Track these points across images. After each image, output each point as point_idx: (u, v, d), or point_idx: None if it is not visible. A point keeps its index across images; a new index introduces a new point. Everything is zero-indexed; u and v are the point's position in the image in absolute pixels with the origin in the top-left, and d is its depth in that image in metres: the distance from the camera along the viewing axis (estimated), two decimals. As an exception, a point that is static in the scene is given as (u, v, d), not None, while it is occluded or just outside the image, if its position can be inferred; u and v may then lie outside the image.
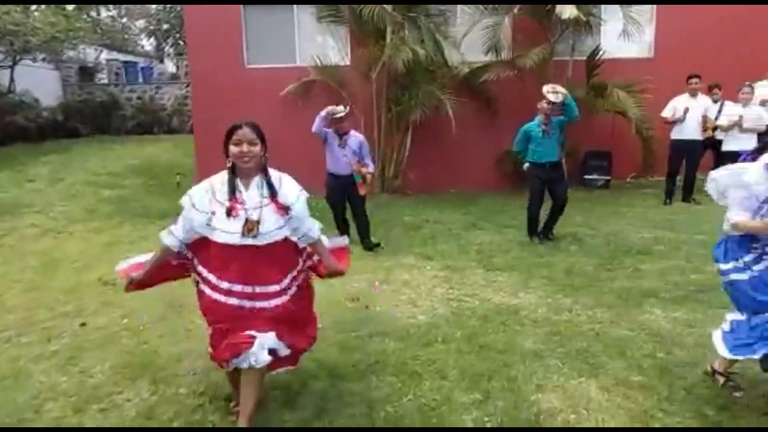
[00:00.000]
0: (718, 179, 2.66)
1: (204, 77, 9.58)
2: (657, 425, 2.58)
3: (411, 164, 9.14)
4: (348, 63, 9.26)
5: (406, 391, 2.92)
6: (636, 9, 8.53)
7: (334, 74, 9.02)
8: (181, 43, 21.92)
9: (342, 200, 5.90)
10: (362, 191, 5.81)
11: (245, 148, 2.45)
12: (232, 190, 2.46)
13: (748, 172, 2.55)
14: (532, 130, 5.73)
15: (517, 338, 3.55)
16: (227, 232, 2.43)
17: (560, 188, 5.82)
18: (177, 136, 15.43)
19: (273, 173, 2.59)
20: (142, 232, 6.76)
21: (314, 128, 5.65)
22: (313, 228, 2.67)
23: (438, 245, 5.90)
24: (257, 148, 2.48)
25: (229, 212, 2.41)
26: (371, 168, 5.89)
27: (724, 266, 2.72)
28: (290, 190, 2.57)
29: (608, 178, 9.12)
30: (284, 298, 2.57)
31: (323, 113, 5.62)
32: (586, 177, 9.12)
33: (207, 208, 2.47)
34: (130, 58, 21.78)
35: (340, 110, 5.69)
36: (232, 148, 2.47)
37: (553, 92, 5.55)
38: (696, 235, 5.82)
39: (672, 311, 3.89)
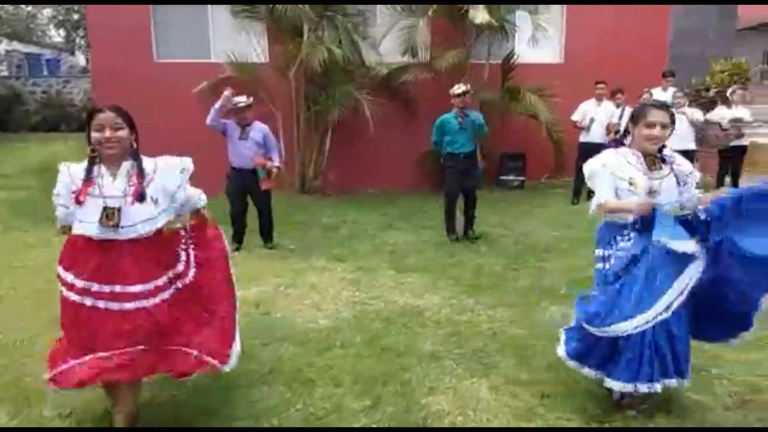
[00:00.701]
0: (585, 168, 2.74)
1: (108, 71, 8.97)
2: (539, 422, 2.63)
3: (331, 165, 9.03)
4: (265, 60, 9.00)
5: (296, 400, 2.82)
6: (545, 17, 8.90)
7: (250, 72, 8.72)
8: (94, 34, 20.56)
9: (242, 196, 5.60)
10: (265, 186, 5.55)
11: (108, 133, 2.27)
12: (87, 177, 2.26)
13: (605, 155, 2.67)
14: (447, 121, 5.86)
15: (417, 340, 3.53)
16: (84, 221, 2.24)
17: (472, 180, 5.97)
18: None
19: (147, 160, 2.41)
20: (33, 239, 6.20)
21: (208, 121, 5.43)
22: (200, 198, 2.66)
23: (353, 246, 5.83)
24: (123, 133, 2.30)
25: (78, 198, 2.21)
26: (277, 162, 5.64)
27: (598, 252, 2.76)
28: (169, 177, 2.40)
29: (523, 178, 9.44)
30: (154, 301, 2.36)
31: (217, 104, 5.38)
32: (502, 178, 9.39)
33: (67, 199, 2.30)
34: (33, 49, 20.13)
35: (243, 99, 5.45)
36: (94, 134, 2.28)
37: (457, 87, 5.82)
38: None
39: (568, 308, 4.00)
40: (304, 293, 4.43)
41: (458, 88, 5.82)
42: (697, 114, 7.68)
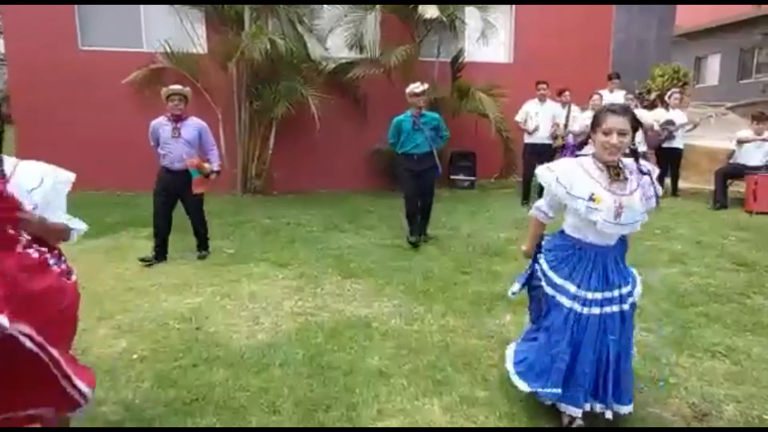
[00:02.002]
0: (538, 172, 2.55)
1: (27, 59, 8.19)
2: (496, 448, 2.41)
3: (276, 163, 8.61)
4: (204, 51, 8.46)
5: (225, 434, 2.47)
6: (494, 15, 8.84)
7: (187, 62, 8.18)
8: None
9: (168, 197, 5.02)
10: (197, 190, 5.02)
11: None
12: None
13: (562, 165, 2.48)
14: (402, 121, 5.63)
15: (364, 356, 3.25)
16: None
17: (427, 181, 5.74)
18: (7, 126, 13.21)
19: (8, 160, 2.01)
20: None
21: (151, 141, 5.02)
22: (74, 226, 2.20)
23: (295, 250, 5.48)
24: None
25: None
26: (215, 164, 5.10)
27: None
28: (28, 175, 2.01)
29: (473, 178, 9.36)
30: None
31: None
32: (453, 177, 9.27)
33: None
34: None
35: (177, 88, 4.92)
36: None
37: (414, 87, 5.50)
38: (546, 234, 6.03)
39: (521, 315, 3.84)
40: (241, 304, 4.05)
41: (416, 87, 5.52)
42: (647, 117, 7.83)
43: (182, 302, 4.03)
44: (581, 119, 7.82)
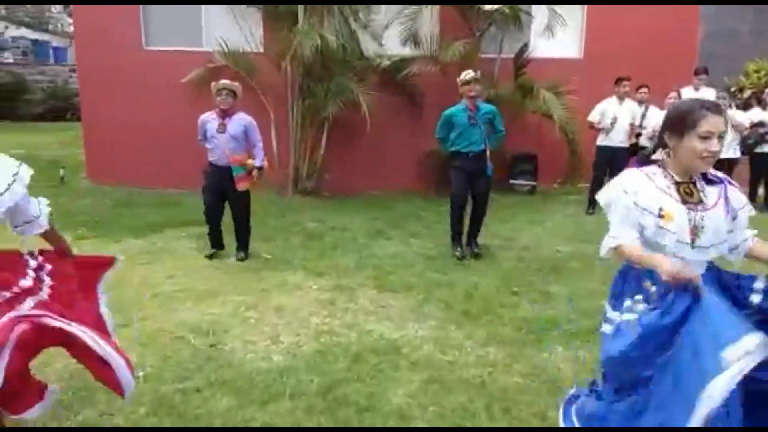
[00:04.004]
0: (601, 195, 2.01)
1: (94, 60, 8.47)
2: None
3: (327, 163, 8.38)
4: (259, 50, 8.37)
5: (213, 479, 2.19)
6: (566, 7, 8.13)
7: (243, 61, 8.12)
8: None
9: (216, 196, 4.99)
10: (241, 187, 4.90)
11: None
12: None
13: (626, 177, 1.92)
14: (455, 115, 5.08)
15: (387, 389, 2.87)
16: None
17: (482, 183, 5.21)
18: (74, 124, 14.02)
19: None
20: None
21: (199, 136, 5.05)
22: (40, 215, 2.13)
23: (336, 258, 5.18)
24: None
25: None
26: (259, 160, 4.98)
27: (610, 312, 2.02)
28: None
29: (534, 183, 8.69)
30: None
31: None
32: (512, 182, 8.65)
33: None
34: (41, 36, 19.81)
35: (226, 83, 4.84)
36: None
37: (464, 74, 5.04)
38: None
39: (575, 349, 3.33)
40: (265, 318, 3.79)
41: (466, 74, 5.01)
42: (741, 118, 6.88)
43: (205, 312, 3.83)
44: (656, 119, 6.99)
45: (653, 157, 1.98)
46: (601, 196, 1.98)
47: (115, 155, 8.56)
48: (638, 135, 7.22)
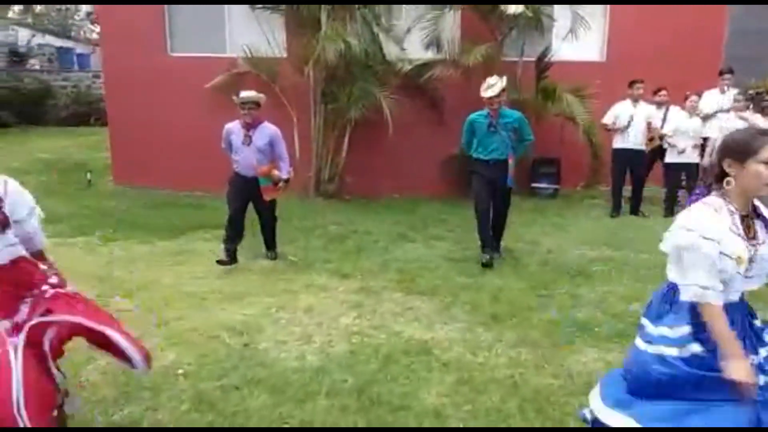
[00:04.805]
0: (676, 237, 1.91)
1: (121, 65, 8.65)
2: None
3: (349, 167, 8.45)
4: (283, 55, 8.49)
5: (255, 474, 2.24)
6: (588, 10, 8.11)
7: (266, 67, 8.23)
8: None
9: (242, 203, 4.98)
10: (268, 197, 4.95)
11: None
12: None
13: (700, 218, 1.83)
14: (476, 120, 5.04)
15: (419, 389, 2.91)
16: None
17: (500, 196, 5.12)
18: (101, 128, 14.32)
19: None
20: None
21: (223, 144, 5.06)
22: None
23: (360, 261, 5.22)
24: None
25: None
26: (285, 172, 4.96)
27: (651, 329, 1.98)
28: (20, 201, 1.94)
29: (557, 186, 8.66)
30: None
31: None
32: (534, 185, 8.63)
33: None
34: (65, 43, 20.26)
35: (251, 95, 4.77)
36: None
37: (486, 88, 4.86)
38: (640, 253, 5.34)
39: (606, 351, 3.33)
40: (296, 318, 3.85)
41: (487, 90, 4.84)
42: (760, 121, 6.79)
43: (237, 312, 3.90)
44: (680, 122, 6.92)
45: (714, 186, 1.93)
46: (672, 240, 1.90)
47: (140, 159, 8.73)
48: (661, 137, 7.17)
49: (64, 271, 2.35)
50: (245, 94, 4.82)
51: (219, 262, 4.84)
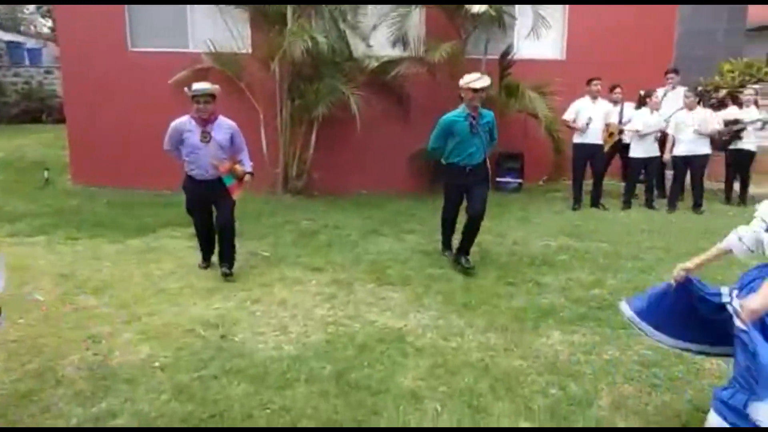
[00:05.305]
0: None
1: (78, 61, 8.41)
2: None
3: (316, 163, 8.46)
4: (248, 50, 8.42)
5: (239, 459, 2.28)
6: (548, 10, 8.37)
7: (231, 62, 8.16)
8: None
9: (207, 212, 4.56)
10: (236, 195, 4.57)
11: None
12: None
13: None
14: (456, 122, 4.56)
15: (395, 373, 3.00)
16: None
17: (478, 197, 4.70)
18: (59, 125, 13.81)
19: None
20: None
21: (165, 146, 4.51)
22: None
23: (331, 255, 5.28)
24: None
25: None
26: (248, 166, 4.61)
27: None
28: None
29: (520, 181, 8.92)
30: None
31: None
32: (499, 180, 8.86)
33: None
34: (14, 38, 19.39)
35: (204, 87, 4.23)
36: None
37: (475, 79, 4.53)
38: (600, 243, 5.60)
39: (570, 334, 3.51)
40: (271, 311, 3.88)
41: (476, 80, 4.47)
42: (710, 118, 7.20)
43: (211, 307, 3.91)
44: (641, 118, 7.27)
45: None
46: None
47: (100, 157, 8.51)
48: (620, 132, 7.51)
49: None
50: (198, 85, 4.31)
51: (201, 266, 4.78)
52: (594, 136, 7.31)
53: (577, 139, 7.44)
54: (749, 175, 7.74)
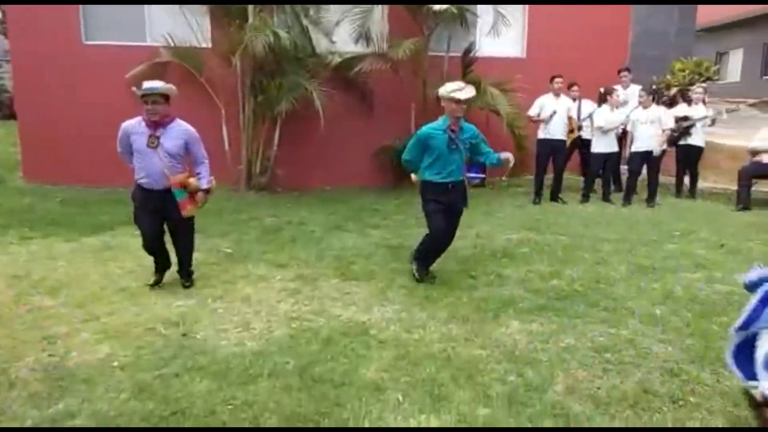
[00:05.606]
0: None
1: (30, 54, 8.10)
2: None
3: (280, 159, 8.41)
4: (208, 45, 8.28)
5: (200, 454, 2.28)
6: (509, 8, 8.54)
7: (191, 57, 8.02)
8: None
9: (156, 225, 4.05)
10: (186, 213, 4.03)
11: None
12: None
13: None
14: (433, 136, 4.14)
15: (359, 366, 3.04)
16: None
17: (456, 216, 4.44)
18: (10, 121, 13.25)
19: None
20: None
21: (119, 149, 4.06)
22: None
23: (295, 251, 5.27)
24: None
25: None
26: (205, 181, 4.06)
27: None
28: None
29: (484, 176, 9.09)
30: None
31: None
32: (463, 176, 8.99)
33: None
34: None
35: (155, 86, 3.80)
36: None
37: (458, 89, 4.09)
38: (559, 236, 5.78)
39: (528, 323, 3.62)
40: (234, 308, 3.86)
41: (461, 91, 4.05)
42: (664, 115, 7.50)
43: (173, 305, 3.86)
44: (602, 115, 7.52)
45: None
46: None
47: (54, 154, 8.22)
48: (579, 128, 7.75)
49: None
50: (148, 84, 3.87)
51: (150, 285, 4.16)
52: (557, 132, 7.52)
53: (541, 135, 7.63)
54: (698, 170, 8.11)
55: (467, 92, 4.10)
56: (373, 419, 2.53)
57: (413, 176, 4.58)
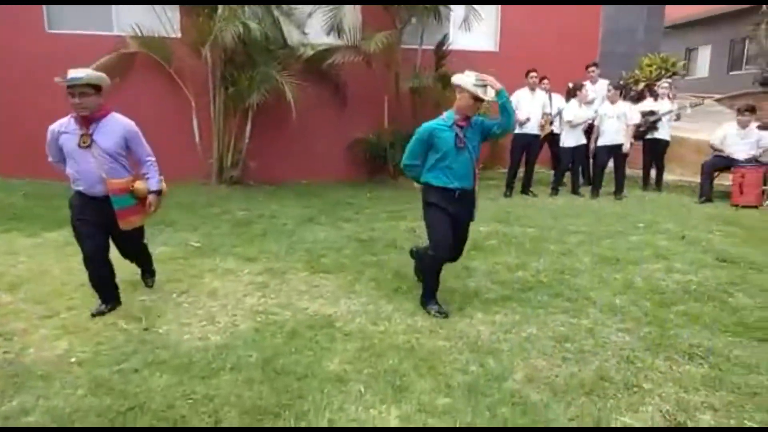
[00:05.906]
0: None
1: (-9, 42, 7.84)
2: (453, 464, 2.22)
3: (252, 152, 8.34)
4: (177, 35, 8.13)
5: (157, 449, 2.27)
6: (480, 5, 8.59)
7: (159, 47, 7.87)
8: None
9: (100, 238, 3.48)
10: (128, 223, 3.50)
11: None
12: None
13: None
14: (440, 134, 3.54)
15: (323, 358, 3.05)
16: None
17: (463, 225, 3.79)
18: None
19: None
20: None
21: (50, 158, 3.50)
22: None
23: (265, 244, 5.25)
24: None
25: None
26: (155, 182, 3.57)
27: None
28: None
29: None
30: None
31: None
32: (435, 168, 9.04)
33: None
34: None
35: (80, 75, 3.21)
36: None
37: (482, 85, 3.51)
38: (528, 228, 5.86)
39: (493, 314, 3.67)
40: (199, 301, 3.83)
41: (483, 89, 3.48)
42: (630, 110, 7.65)
43: (136, 299, 3.81)
44: (571, 110, 7.62)
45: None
46: None
47: (16, 146, 7.98)
48: (551, 123, 7.85)
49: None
50: (73, 73, 3.26)
51: (93, 315, 3.48)
52: (532, 126, 7.60)
53: (516, 129, 7.69)
54: (664, 163, 8.30)
55: (490, 93, 3.52)
56: (335, 410, 2.55)
57: (416, 184, 3.84)
